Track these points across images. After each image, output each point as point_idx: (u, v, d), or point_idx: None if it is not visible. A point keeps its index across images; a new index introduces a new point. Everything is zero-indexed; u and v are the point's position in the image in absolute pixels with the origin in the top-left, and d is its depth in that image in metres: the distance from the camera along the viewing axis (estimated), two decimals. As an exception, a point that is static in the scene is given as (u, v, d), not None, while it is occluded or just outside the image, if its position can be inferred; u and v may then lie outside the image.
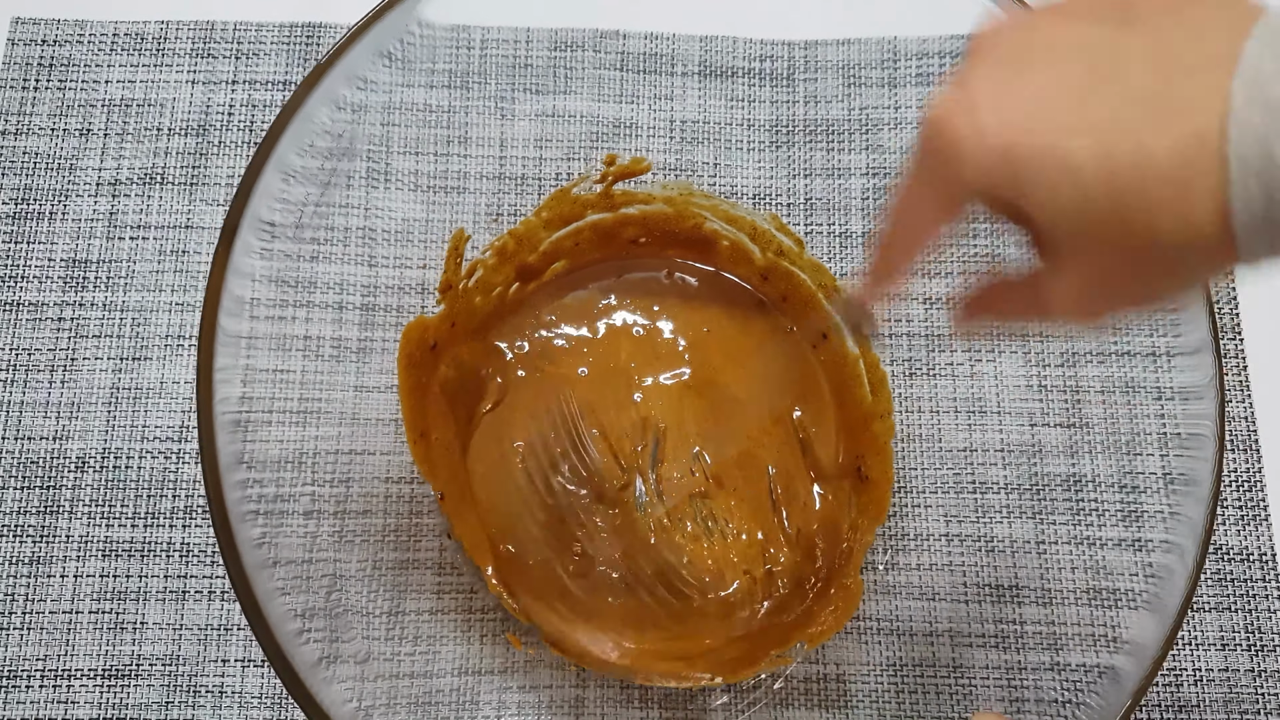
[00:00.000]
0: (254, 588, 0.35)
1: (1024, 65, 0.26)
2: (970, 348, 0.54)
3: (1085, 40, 0.26)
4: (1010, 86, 0.26)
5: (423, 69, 0.53)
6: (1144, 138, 0.24)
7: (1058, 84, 0.26)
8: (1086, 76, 0.25)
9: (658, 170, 0.56)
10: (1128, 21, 0.26)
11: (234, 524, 0.35)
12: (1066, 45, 0.26)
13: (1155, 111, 0.24)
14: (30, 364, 0.54)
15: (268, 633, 0.35)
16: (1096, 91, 0.25)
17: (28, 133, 0.57)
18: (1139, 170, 0.24)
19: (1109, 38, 0.26)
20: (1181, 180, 0.24)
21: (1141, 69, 0.25)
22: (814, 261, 0.54)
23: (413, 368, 0.49)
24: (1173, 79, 0.24)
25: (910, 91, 0.56)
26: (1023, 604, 0.50)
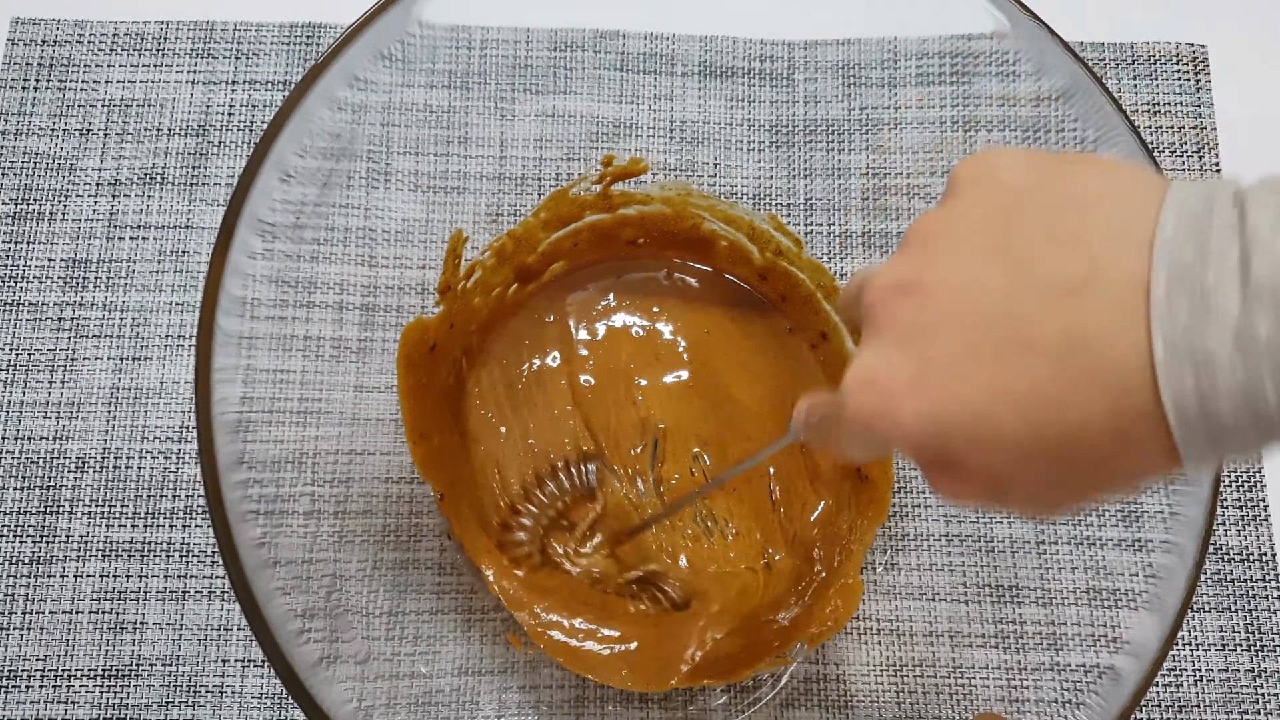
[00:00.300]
0: (253, 588, 0.35)
1: (925, 342, 0.26)
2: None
3: (978, 296, 0.25)
4: (919, 373, 0.25)
5: (423, 69, 0.53)
6: (1070, 411, 0.23)
7: (966, 355, 0.25)
8: (994, 340, 0.24)
9: (658, 170, 0.56)
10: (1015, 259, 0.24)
11: (233, 524, 0.35)
12: (961, 306, 0.25)
13: (1075, 373, 0.23)
14: (30, 364, 0.54)
15: (267, 633, 0.35)
16: (1008, 356, 0.24)
17: (28, 133, 0.57)
18: (1072, 438, 0.24)
19: (1000, 286, 0.24)
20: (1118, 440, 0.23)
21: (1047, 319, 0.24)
22: (813, 261, 0.54)
23: (412, 369, 0.49)
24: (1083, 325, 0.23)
25: (910, 91, 0.55)
26: (1023, 604, 0.50)
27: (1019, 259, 0.25)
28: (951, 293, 0.25)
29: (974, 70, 0.52)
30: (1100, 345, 0.23)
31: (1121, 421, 0.23)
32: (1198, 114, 0.59)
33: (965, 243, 0.26)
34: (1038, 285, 0.24)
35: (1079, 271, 0.23)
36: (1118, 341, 0.23)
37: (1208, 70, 0.60)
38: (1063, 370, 0.23)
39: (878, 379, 0.26)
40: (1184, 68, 0.60)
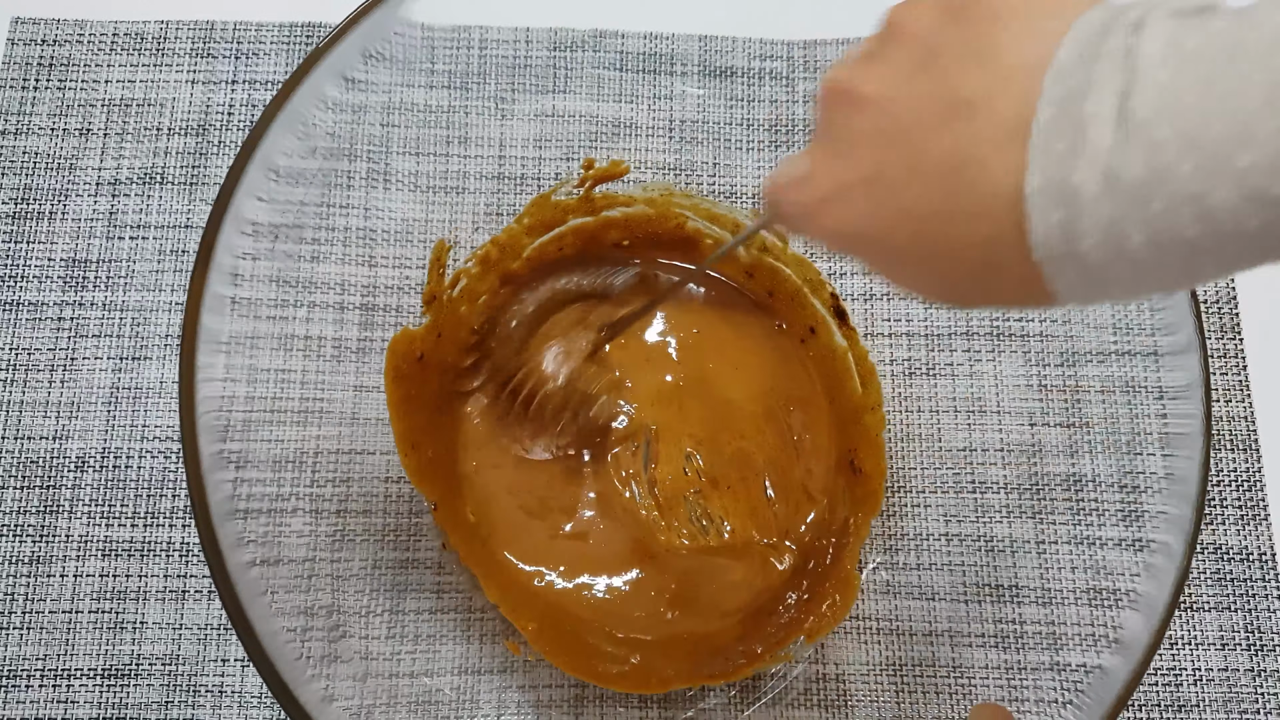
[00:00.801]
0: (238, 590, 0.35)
1: (845, 146, 0.28)
2: (970, 348, 0.54)
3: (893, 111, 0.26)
4: (838, 173, 0.28)
5: (422, 69, 0.53)
6: (951, 229, 0.24)
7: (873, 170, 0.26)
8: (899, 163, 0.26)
9: (658, 170, 0.57)
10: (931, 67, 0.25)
11: (216, 523, 0.35)
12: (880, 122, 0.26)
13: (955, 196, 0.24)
14: (30, 363, 0.54)
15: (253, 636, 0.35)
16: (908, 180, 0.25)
17: (28, 132, 0.57)
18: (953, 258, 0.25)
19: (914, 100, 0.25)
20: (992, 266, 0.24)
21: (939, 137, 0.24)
22: (798, 256, 0.54)
23: (400, 380, 0.49)
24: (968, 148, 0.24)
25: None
26: (1022, 604, 0.50)
27: (935, 76, 0.25)
28: (878, 105, 0.27)
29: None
30: (979, 170, 0.23)
31: (993, 251, 0.24)
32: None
33: (904, 53, 0.27)
34: (942, 101, 0.25)
35: (978, 90, 0.24)
36: (995, 168, 0.23)
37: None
38: (946, 191, 0.24)
39: (806, 178, 0.29)
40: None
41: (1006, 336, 0.53)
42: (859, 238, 0.28)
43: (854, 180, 0.27)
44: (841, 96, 0.28)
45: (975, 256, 0.24)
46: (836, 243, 0.29)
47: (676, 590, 0.51)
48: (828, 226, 0.29)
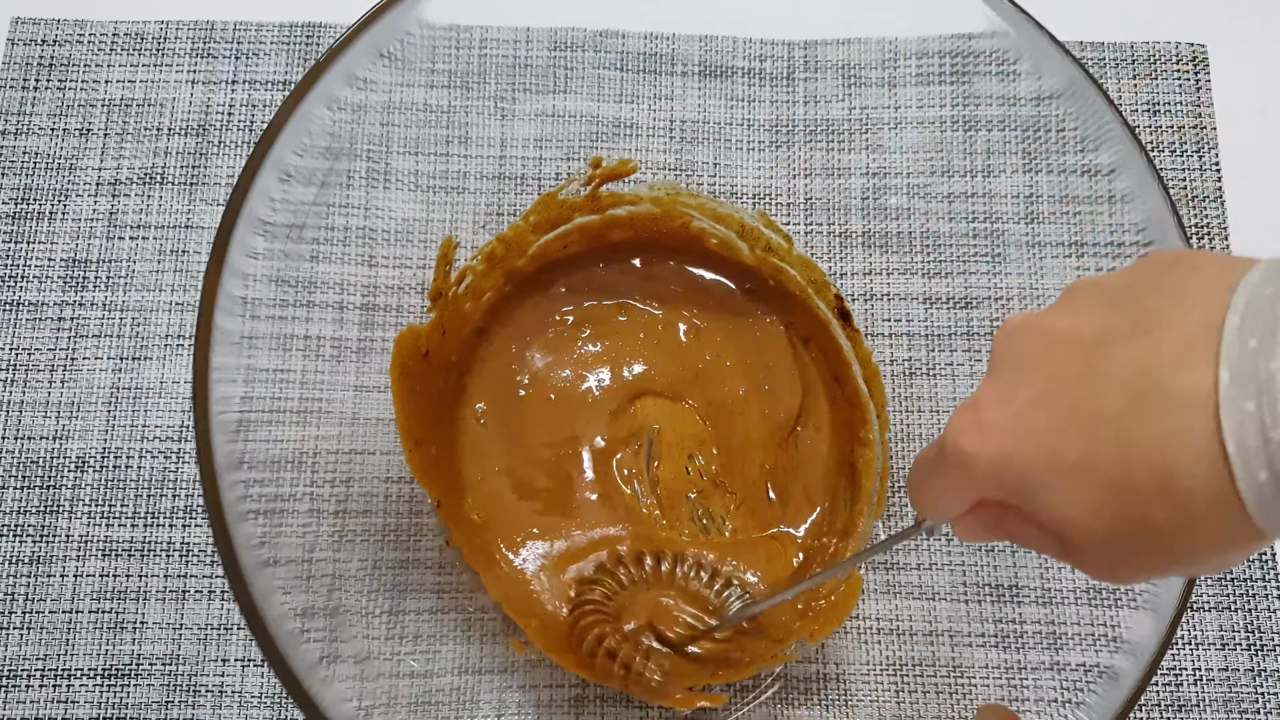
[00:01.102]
0: (251, 588, 0.35)
1: (1022, 371, 0.27)
2: (970, 348, 0.54)
3: (1081, 333, 0.26)
4: (1010, 396, 0.27)
5: (422, 69, 0.53)
6: (1132, 442, 0.24)
7: (1049, 386, 0.26)
8: (1078, 373, 0.26)
9: (658, 170, 0.56)
10: (1123, 305, 0.26)
11: (231, 524, 0.35)
12: (1062, 341, 0.27)
13: (1138, 405, 0.24)
14: (30, 364, 0.54)
15: (266, 633, 0.35)
16: (1085, 387, 0.25)
17: (28, 132, 0.57)
18: (1124, 470, 0.24)
19: (1102, 324, 0.26)
20: (1166, 478, 0.23)
21: (1126, 353, 0.24)
22: (803, 257, 0.54)
23: (406, 376, 0.49)
24: (1153, 358, 0.24)
25: (910, 91, 0.56)
26: (1023, 603, 0.50)
27: (1123, 307, 0.26)
28: (1059, 331, 0.27)
29: (973, 70, 0.52)
30: (1162, 374, 0.23)
31: (1169, 450, 0.23)
32: (1197, 113, 0.59)
33: (1093, 298, 0.27)
34: (1127, 324, 0.25)
35: (1162, 311, 0.24)
36: (1182, 370, 0.23)
37: (1208, 70, 0.60)
38: (1126, 397, 0.24)
39: (976, 405, 0.28)
40: (1184, 67, 0.60)
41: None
42: (1028, 451, 0.26)
43: (1026, 396, 0.27)
44: (1020, 328, 0.29)
45: (1150, 459, 0.23)
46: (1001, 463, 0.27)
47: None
48: (995, 443, 0.27)
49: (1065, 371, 0.26)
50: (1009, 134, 0.51)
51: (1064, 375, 0.26)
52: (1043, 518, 0.27)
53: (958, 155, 0.53)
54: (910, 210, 0.54)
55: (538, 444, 0.53)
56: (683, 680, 0.47)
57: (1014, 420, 0.27)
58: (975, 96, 0.52)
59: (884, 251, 0.55)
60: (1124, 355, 0.24)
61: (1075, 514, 0.26)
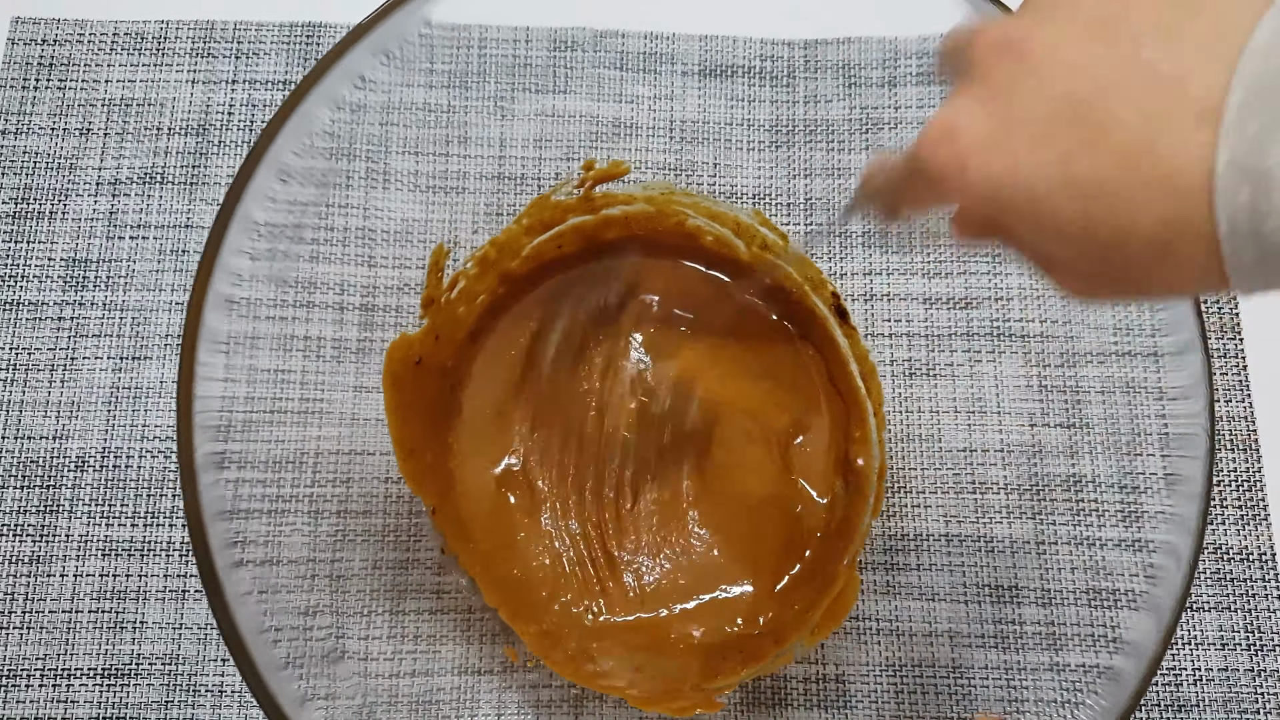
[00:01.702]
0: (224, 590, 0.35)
1: (1012, 102, 0.26)
2: (970, 348, 0.54)
3: (1074, 65, 0.25)
4: (998, 131, 0.26)
5: (422, 69, 0.53)
6: (1124, 205, 0.23)
7: (1043, 128, 0.25)
8: (1070, 121, 0.24)
9: (658, 170, 0.56)
10: (1118, 36, 0.24)
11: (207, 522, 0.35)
12: (1054, 72, 0.25)
13: (1138, 169, 0.23)
14: (30, 363, 0.54)
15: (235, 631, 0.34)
16: (1080, 137, 0.24)
17: (28, 132, 0.57)
18: (1120, 236, 0.24)
19: (1096, 60, 0.24)
20: (1162, 246, 0.23)
21: (1126, 110, 0.24)
22: (799, 255, 0.54)
23: (398, 385, 0.49)
24: (1158, 123, 0.23)
25: (910, 91, 0.55)
26: (1022, 604, 0.50)
27: (1121, 43, 0.24)
28: (1051, 60, 0.25)
29: (974, 70, 0.52)
30: (1166, 146, 0.23)
31: (1171, 231, 0.23)
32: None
33: (1080, 16, 0.26)
34: (1128, 72, 0.24)
35: (1167, 68, 0.23)
36: (1183, 145, 0.22)
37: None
38: (1127, 165, 0.23)
39: (957, 128, 0.26)
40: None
41: (1006, 337, 0.53)
42: (1017, 196, 0.25)
43: (1018, 132, 0.25)
44: (1003, 48, 0.26)
45: (1146, 235, 0.23)
46: (986, 202, 0.26)
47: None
48: (980, 175, 0.26)
49: (1059, 115, 0.25)
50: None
51: (1058, 119, 0.25)
52: (1024, 250, 0.27)
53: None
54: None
55: (532, 449, 0.53)
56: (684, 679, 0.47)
57: (1001, 160, 0.25)
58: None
59: (883, 252, 0.55)
60: (1124, 115, 0.23)
61: (1060, 258, 0.26)
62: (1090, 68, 0.25)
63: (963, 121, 0.27)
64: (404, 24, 0.42)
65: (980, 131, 0.26)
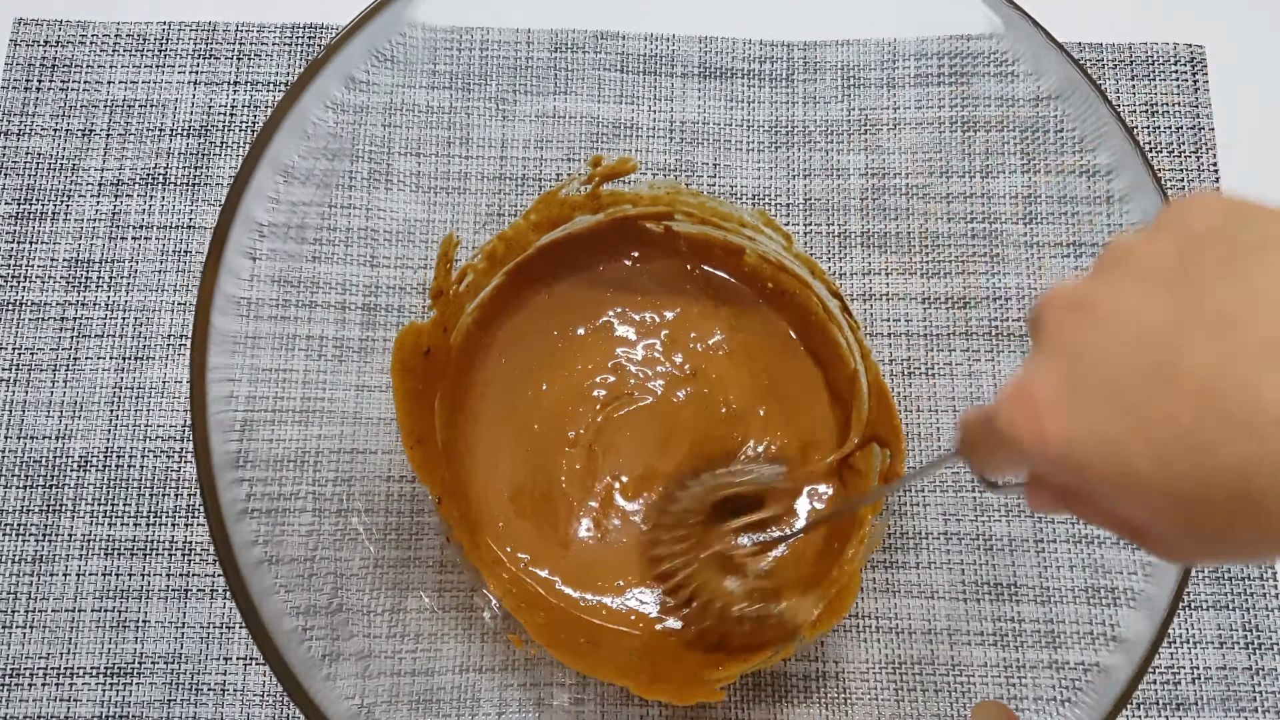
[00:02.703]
0: (249, 587, 0.35)
1: (1084, 361, 0.26)
2: (970, 348, 0.54)
3: (1144, 320, 0.25)
4: (1072, 392, 0.26)
5: (423, 70, 0.53)
6: (1203, 447, 0.23)
7: (1117, 382, 0.25)
8: (1142, 370, 0.24)
9: (658, 170, 0.57)
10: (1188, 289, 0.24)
11: (229, 524, 0.35)
12: (1125, 328, 0.25)
13: (1211, 412, 0.23)
14: (33, 363, 0.54)
15: (265, 634, 0.35)
16: (1155, 388, 0.24)
17: (30, 133, 0.57)
18: (1202, 489, 0.23)
19: (1166, 313, 0.24)
20: (1245, 498, 0.22)
21: (1196, 353, 0.23)
22: (802, 255, 0.54)
23: (407, 374, 0.49)
24: (1229, 363, 0.23)
25: (909, 92, 0.56)
26: (1021, 602, 0.50)
27: (1189, 293, 0.24)
28: (1118, 316, 0.25)
29: (972, 71, 0.52)
30: (1239, 385, 0.22)
31: (1251, 469, 0.22)
32: (1195, 114, 0.60)
33: (1146, 270, 0.26)
34: (1198, 319, 0.24)
35: (1239, 309, 0.23)
36: (1257, 383, 0.22)
37: (1205, 70, 0.60)
38: (1201, 406, 0.23)
39: (1031, 390, 0.26)
40: (1182, 68, 0.60)
41: (1006, 336, 0.54)
42: (1090, 451, 0.25)
43: (1090, 387, 0.25)
44: (1071, 307, 0.27)
45: (1226, 479, 0.23)
46: (1063, 462, 0.26)
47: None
48: (1055, 432, 0.25)
49: (1129, 366, 0.24)
50: (1007, 135, 0.51)
51: (1128, 371, 0.24)
52: (1111, 514, 0.26)
53: (956, 156, 0.53)
54: (909, 211, 0.54)
55: (539, 439, 0.53)
56: None
57: (1076, 416, 0.25)
58: (974, 97, 0.52)
59: (883, 252, 0.55)
60: (1194, 359, 0.23)
61: (1147, 519, 0.25)
62: (1158, 316, 0.24)
63: (1036, 383, 0.26)
64: (397, 21, 0.43)
65: (1053, 390, 0.26)
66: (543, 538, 0.52)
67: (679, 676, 0.48)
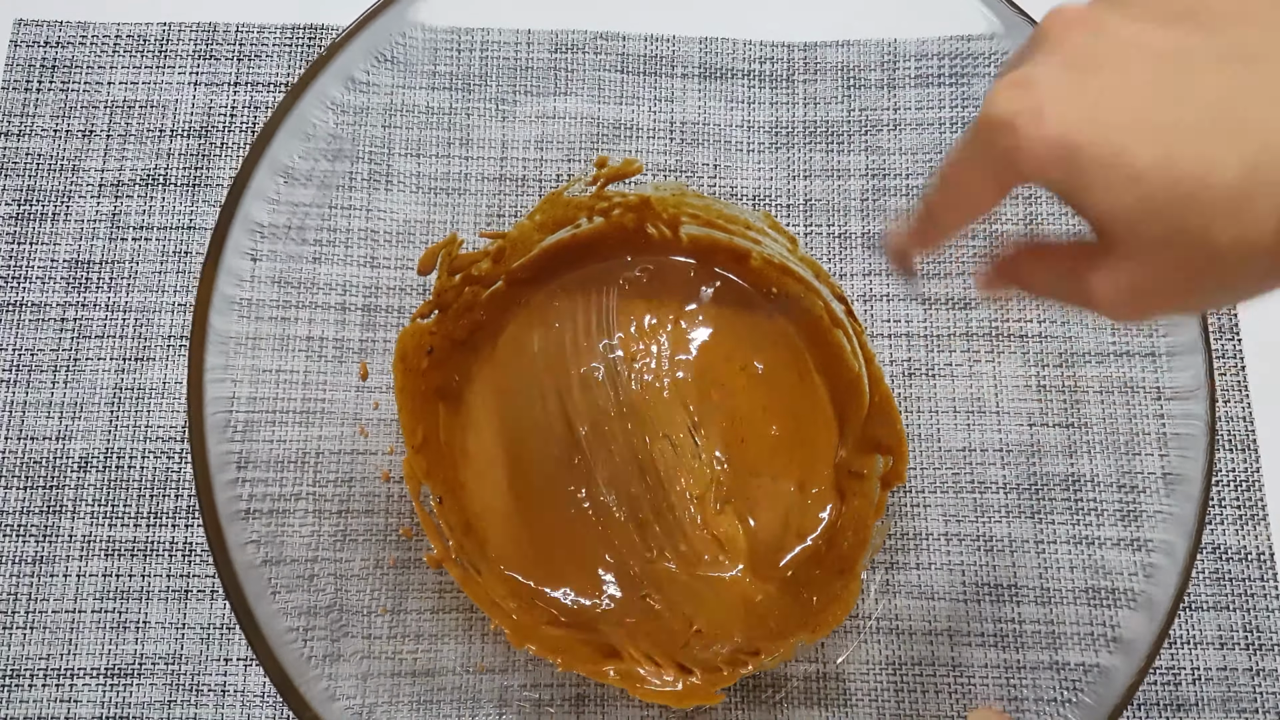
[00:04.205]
0: (244, 588, 0.35)
1: (1091, 67, 0.25)
2: (970, 348, 0.54)
3: (1154, 44, 0.25)
4: (1076, 87, 0.25)
5: (424, 71, 0.53)
6: (1208, 149, 0.23)
7: (1123, 86, 0.25)
8: (1154, 82, 0.25)
9: (657, 171, 0.57)
10: (1199, 25, 0.25)
11: (224, 525, 0.35)
12: (1135, 48, 0.25)
13: (1222, 123, 0.23)
14: (34, 364, 0.54)
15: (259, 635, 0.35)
16: (1163, 97, 0.24)
17: (31, 134, 0.57)
18: (1201, 181, 0.24)
19: (1178, 42, 0.25)
20: (1243, 196, 0.23)
21: (1210, 76, 0.24)
22: (808, 258, 0.54)
23: (409, 373, 0.49)
24: (1242, 89, 0.24)
25: (909, 93, 0.56)
26: (1021, 603, 0.50)
27: (1202, 25, 0.25)
28: (1131, 35, 0.26)
29: (973, 71, 0.52)
30: (1254, 102, 0.23)
31: (1255, 179, 0.23)
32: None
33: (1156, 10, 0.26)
34: (1213, 48, 0.24)
35: (1257, 47, 0.24)
36: (1272, 111, 0.23)
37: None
38: (1215, 115, 0.23)
39: (1033, 79, 0.26)
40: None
41: (1006, 337, 0.54)
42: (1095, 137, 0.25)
43: (1098, 83, 0.25)
44: (1079, 22, 0.26)
45: (1228, 182, 0.23)
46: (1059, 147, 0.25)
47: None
48: (1056, 118, 0.25)
49: (1139, 75, 0.25)
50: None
51: (1136, 78, 0.25)
52: (1091, 211, 0.26)
53: (957, 157, 0.53)
54: (910, 212, 0.54)
55: (539, 441, 0.53)
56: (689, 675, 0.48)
57: (1078, 108, 0.25)
58: (974, 98, 0.52)
59: (883, 253, 0.55)
60: (1210, 79, 0.24)
61: (1132, 212, 0.25)
62: (1174, 43, 0.25)
63: (1039, 74, 0.26)
64: (398, 22, 0.43)
65: (1057, 82, 0.26)
66: (541, 543, 0.51)
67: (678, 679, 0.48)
